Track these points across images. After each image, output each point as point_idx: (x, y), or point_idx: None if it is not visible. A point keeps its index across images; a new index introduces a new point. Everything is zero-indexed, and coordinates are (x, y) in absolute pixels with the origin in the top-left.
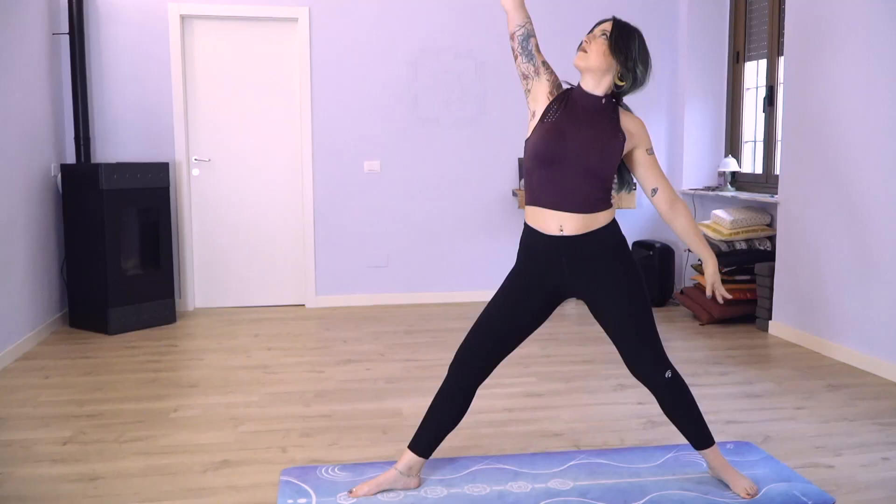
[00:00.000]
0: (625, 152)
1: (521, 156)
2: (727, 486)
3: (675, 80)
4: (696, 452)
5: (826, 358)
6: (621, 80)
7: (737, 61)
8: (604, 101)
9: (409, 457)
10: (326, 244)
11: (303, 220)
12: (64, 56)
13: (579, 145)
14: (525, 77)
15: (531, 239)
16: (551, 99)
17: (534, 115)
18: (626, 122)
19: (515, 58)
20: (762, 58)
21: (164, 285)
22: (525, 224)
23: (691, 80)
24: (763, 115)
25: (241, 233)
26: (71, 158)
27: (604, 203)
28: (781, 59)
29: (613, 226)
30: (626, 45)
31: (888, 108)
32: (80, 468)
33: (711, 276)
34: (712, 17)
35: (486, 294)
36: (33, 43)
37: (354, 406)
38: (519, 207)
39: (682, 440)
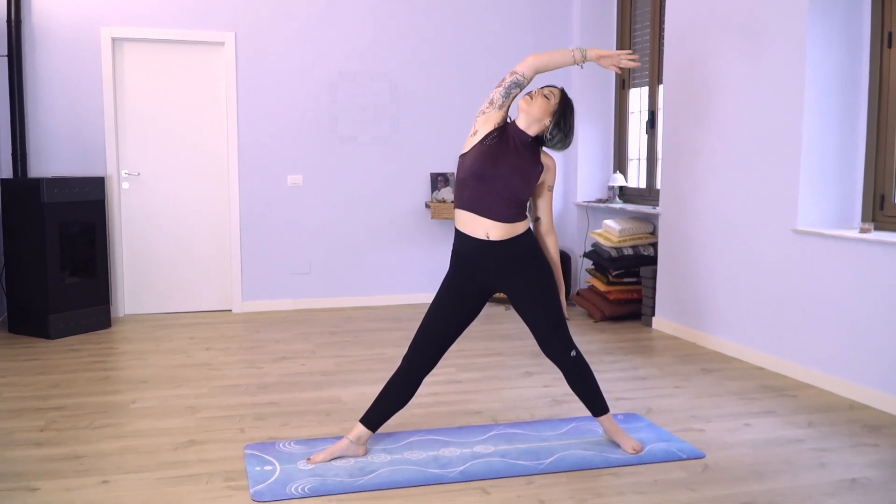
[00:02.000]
0: (538, 181)
1: (433, 171)
2: (618, 446)
3: None
4: (594, 420)
5: (701, 348)
6: (550, 136)
7: (623, 88)
8: (531, 139)
9: (361, 429)
10: (252, 252)
11: (229, 230)
12: (2, 77)
13: (508, 169)
14: (491, 102)
15: (462, 245)
16: (495, 126)
17: (475, 134)
18: (545, 158)
19: (499, 85)
20: (644, 85)
21: (99, 293)
22: (456, 230)
23: (584, 104)
24: (646, 136)
25: (170, 242)
26: (7, 173)
27: (520, 216)
28: (661, 87)
29: (529, 234)
30: (568, 114)
31: (749, 130)
32: (62, 450)
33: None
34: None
35: (402, 297)
36: None
37: (297, 395)
38: (432, 218)
39: (583, 413)
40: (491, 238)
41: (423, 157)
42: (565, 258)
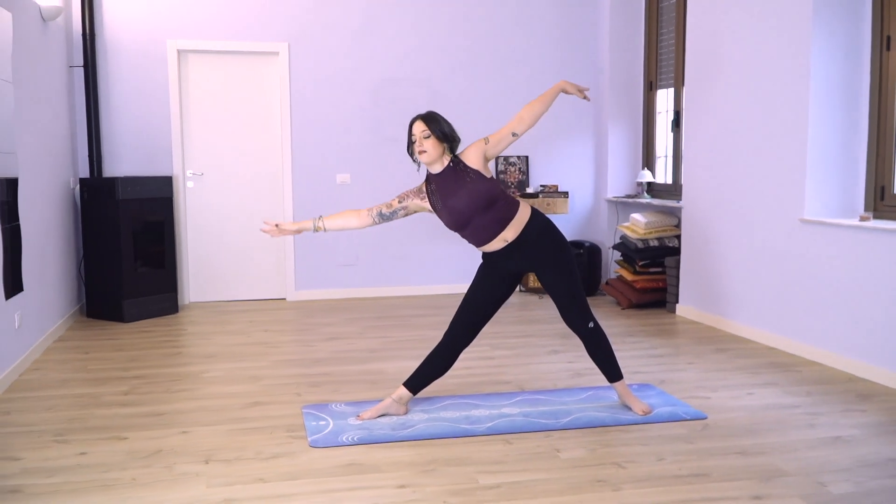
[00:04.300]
0: (484, 168)
1: None
2: (630, 409)
3: (600, 105)
4: (610, 388)
5: (719, 331)
6: (453, 150)
7: (650, 89)
8: (450, 166)
9: (403, 390)
10: (304, 246)
11: None
12: (78, 85)
13: (467, 202)
14: (408, 215)
15: (489, 256)
16: (427, 196)
17: (432, 210)
18: (466, 160)
19: (393, 208)
20: (670, 86)
21: (167, 281)
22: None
23: (613, 105)
24: (671, 134)
25: (230, 237)
26: (84, 173)
27: (513, 208)
28: (685, 87)
29: (535, 216)
30: (441, 129)
31: (760, 129)
32: (146, 409)
33: (569, 84)
34: (630, 52)
35: (442, 287)
36: (56, 75)
37: (346, 368)
38: None
39: (601, 383)
40: (510, 240)
41: None
42: (596, 250)
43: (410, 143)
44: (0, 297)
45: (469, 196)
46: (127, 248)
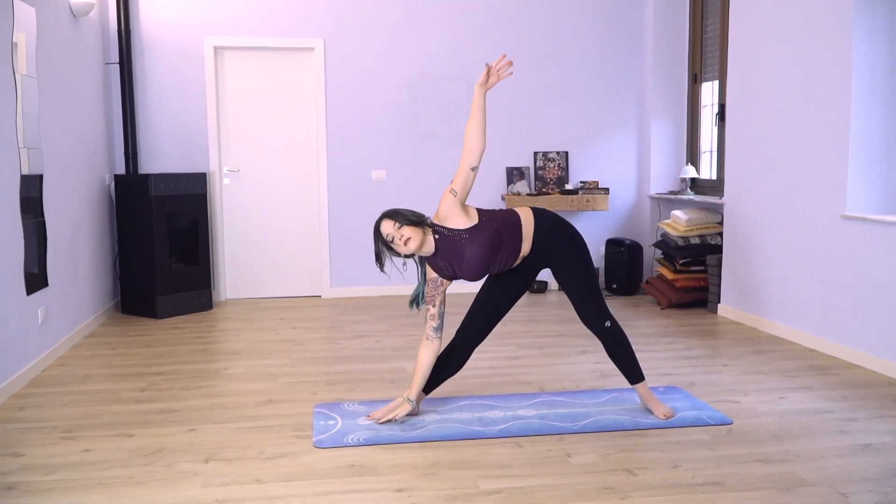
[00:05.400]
0: (466, 215)
1: (508, 165)
2: (651, 413)
3: (642, 99)
4: (633, 391)
5: (760, 332)
6: (429, 224)
7: (695, 82)
8: (437, 239)
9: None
10: (339, 243)
11: (319, 222)
12: (114, 82)
13: (477, 259)
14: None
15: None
16: (442, 276)
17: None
18: (447, 222)
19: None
20: (715, 79)
21: (202, 278)
22: None
23: (657, 99)
24: (716, 128)
25: (266, 234)
26: (121, 170)
27: (517, 228)
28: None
29: (540, 219)
30: (408, 218)
31: (801, 123)
32: (160, 405)
33: (482, 80)
34: (674, 45)
35: (476, 286)
36: (91, 72)
37: (367, 366)
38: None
39: (626, 385)
40: (527, 252)
41: (499, 152)
42: (636, 248)
43: (386, 247)
44: (21, 292)
45: (475, 254)
46: (161, 244)
